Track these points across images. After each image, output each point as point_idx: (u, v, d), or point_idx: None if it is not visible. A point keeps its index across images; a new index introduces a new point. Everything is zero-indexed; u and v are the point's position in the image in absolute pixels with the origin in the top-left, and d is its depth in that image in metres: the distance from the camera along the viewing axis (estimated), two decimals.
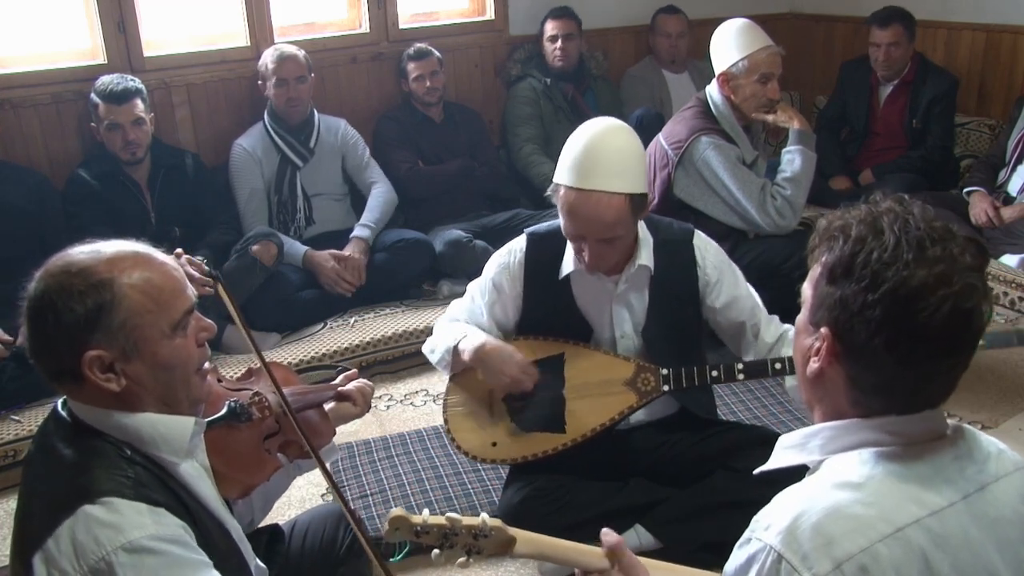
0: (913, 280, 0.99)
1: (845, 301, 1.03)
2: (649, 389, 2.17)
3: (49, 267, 1.29)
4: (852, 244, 1.04)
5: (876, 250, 1.02)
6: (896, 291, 1.00)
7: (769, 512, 1.05)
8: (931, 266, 1.00)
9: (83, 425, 1.30)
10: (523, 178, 4.22)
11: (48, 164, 3.46)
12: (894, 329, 1.01)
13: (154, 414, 1.31)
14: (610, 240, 2.06)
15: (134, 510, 1.20)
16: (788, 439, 1.16)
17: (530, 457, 2.18)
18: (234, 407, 1.58)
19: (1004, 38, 4.26)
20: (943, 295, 0.99)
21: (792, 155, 3.05)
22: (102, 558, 1.16)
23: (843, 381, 1.08)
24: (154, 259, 1.33)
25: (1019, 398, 2.95)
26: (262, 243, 3.34)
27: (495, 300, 2.30)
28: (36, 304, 1.27)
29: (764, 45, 3.00)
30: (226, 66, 3.79)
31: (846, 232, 1.06)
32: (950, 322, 0.99)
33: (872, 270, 1.01)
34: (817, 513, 1.00)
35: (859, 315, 1.02)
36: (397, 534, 1.44)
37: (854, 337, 1.03)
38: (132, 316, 1.26)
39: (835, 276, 1.05)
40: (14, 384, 2.90)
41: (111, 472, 1.24)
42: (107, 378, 1.26)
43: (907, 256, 1.00)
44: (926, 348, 1.01)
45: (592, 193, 2.00)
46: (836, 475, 1.05)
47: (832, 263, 1.06)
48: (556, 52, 4.23)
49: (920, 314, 0.99)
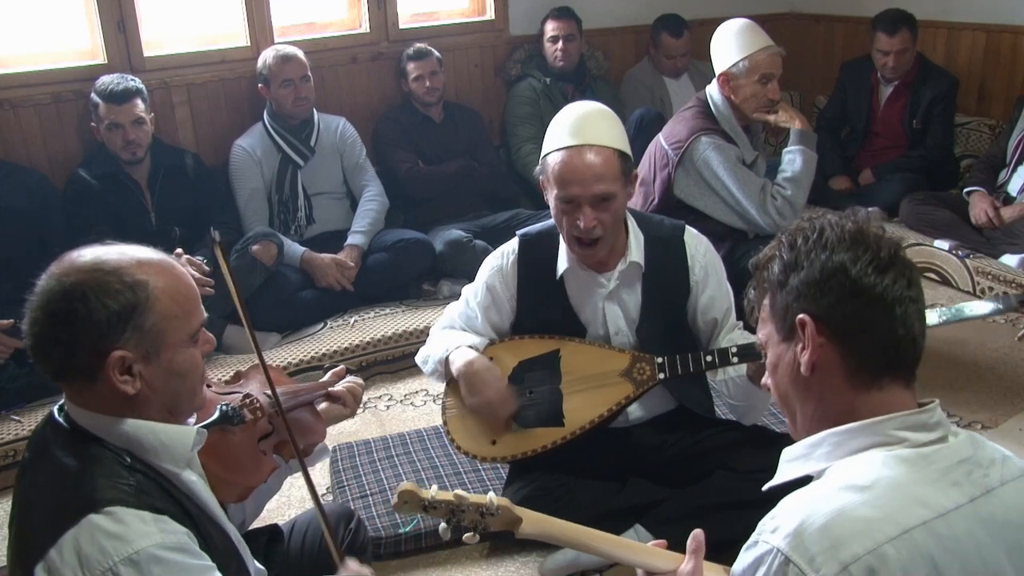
0: (846, 236, 1.13)
1: (805, 283, 1.12)
2: (645, 378, 2.17)
3: (74, 263, 1.28)
4: (780, 253, 1.17)
5: (805, 240, 1.15)
6: (842, 239, 1.12)
7: (776, 515, 1.05)
8: (849, 223, 1.15)
9: (82, 431, 1.29)
10: (523, 178, 4.21)
11: (48, 164, 3.46)
12: (855, 272, 1.10)
13: (156, 423, 1.31)
14: (603, 201, 2.08)
15: (139, 519, 1.20)
16: (792, 451, 1.17)
17: (530, 453, 2.19)
18: (225, 410, 1.57)
19: (1004, 38, 4.26)
20: (875, 234, 1.14)
21: (793, 155, 3.05)
22: (108, 569, 1.15)
23: (838, 359, 1.10)
24: (178, 268, 1.35)
25: (1019, 398, 2.95)
26: (262, 243, 3.35)
27: (490, 303, 2.31)
28: (63, 297, 1.24)
29: (765, 46, 2.99)
30: (226, 66, 3.79)
31: (767, 259, 1.20)
32: (894, 244, 1.14)
33: (811, 246, 1.13)
34: (824, 515, 1.00)
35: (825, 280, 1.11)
36: (406, 507, 1.46)
37: (830, 301, 1.10)
38: (161, 320, 1.28)
39: (784, 280, 1.15)
40: (14, 384, 2.91)
41: (113, 480, 1.23)
42: (124, 380, 1.26)
43: (833, 229, 1.14)
44: (889, 274, 1.10)
45: (583, 146, 2.08)
46: (842, 478, 1.05)
47: (775, 280, 1.17)
48: (557, 53, 4.23)
49: (869, 249, 1.11)
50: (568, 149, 2.08)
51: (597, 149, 2.07)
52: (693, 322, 2.32)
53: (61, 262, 1.29)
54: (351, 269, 3.58)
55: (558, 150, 2.10)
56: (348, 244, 3.64)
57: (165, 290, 1.29)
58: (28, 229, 3.15)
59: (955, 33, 4.45)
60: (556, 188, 2.11)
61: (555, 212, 2.16)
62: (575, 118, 2.13)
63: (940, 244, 3.79)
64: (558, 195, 2.11)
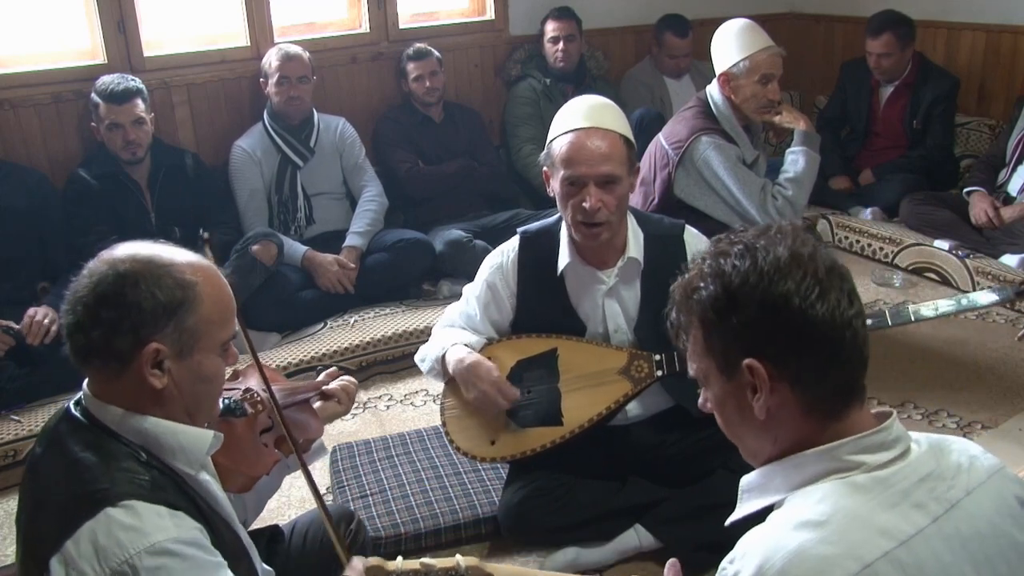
0: (779, 257, 1.06)
1: (747, 325, 1.06)
2: (643, 376, 2.18)
3: (129, 251, 1.32)
4: (708, 284, 1.10)
5: (735, 270, 1.07)
6: (777, 266, 1.06)
7: (735, 556, 1.03)
8: (779, 247, 1.07)
9: (99, 426, 1.30)
10: (523, 178, 4.22)
11: (48, 164, 3.46)
12: (798, 303, 1.04)
13: (177, 424, 1.34)
14: (609, 183, 2.11)
15: (155, 513, 1.22)
16: (749, 481, 1.15)
17: (529, 452, 2.19)
18: (228, 403, 1.62)
19: (1004, 38, 4.26)
20: (808, 250, 1.07)
21: (796, 155, 3.04)
22: (125, 561, 1.16)
23: (793, 398, 1.07)
24: (221, 279, 1.40)
25: (1019, 398, 2.95)
26: (262, 243, 3.35)
27: (490, 301, 2.32)
28: (117, 280, 1.28)
29: (765, 46, 2.99)
30: (226, 66, 3.79)
31: (692, 287, 1.12)
32: (827, 257, 1.08)
33: (744, 277, 1.06)
34: (782, 559, 0.97)
35: (769, 318, 1.05)
36: None
37: (778, 343, 1.05)
38: (201, 322, 1.32)
39: (718, 319, 1.09)
40: (14, 384, 2.90)
41: (129, 475, 1.25)
42: (154, 373, 1.29)
43: (764, 253, 1.07)
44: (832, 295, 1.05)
45: (592, 128, 2.13)
46: (798, 514, 1.03)
47: (708, 318, 1.10)
48: (558, 53, 4.23)
49: (806, 271, 1.05)
50: (576, 131, 2.13)
51: (604, 132, 2.12)
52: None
53: (114, 251, 1.33)
54: (351, 270, 3.58)
55: (565, 133, 2.14)
56: (346, 246, 3.64)
57: (210, 295, 1.34)
58: (28, 229, 3.14)
59: (955, 33, 4.45)
60: (563, 169, 2.12)
61: (560, 196, 2.16)
62: (584, 106, 2.18)
63: (940, 244, 3.79)
64: (564, 176, 2.12)
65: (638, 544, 2.24)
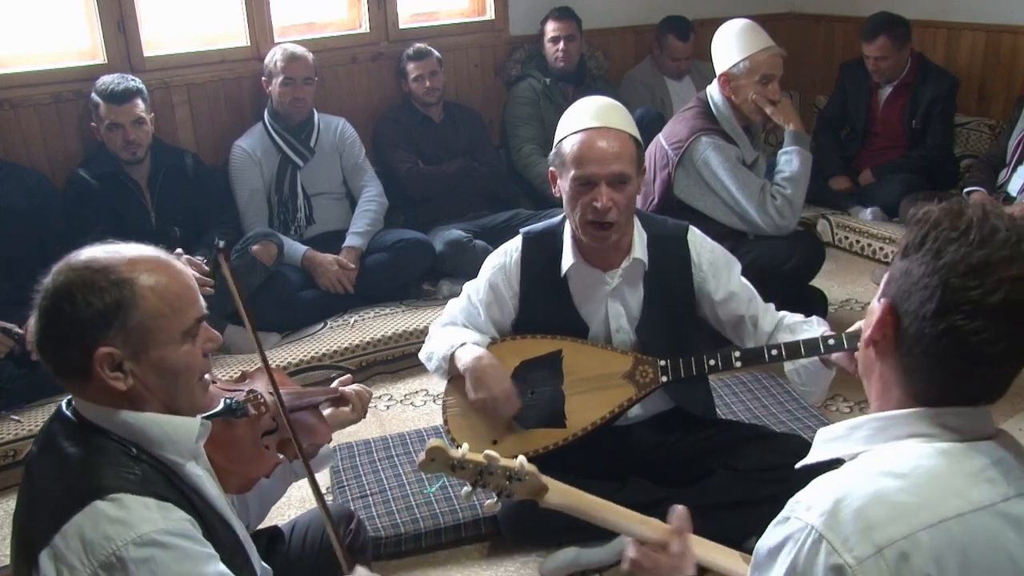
0: (973, 258, 0.99)
1: (909, 272, 1.04)
2: (647, 381, 2.18)
3: (70, 262, 1.31)
4: (930, 225, 1.04)
5: (947, 228, 1.01)
6: (955, 265, 0.99)
7: (809, 493, 1.04)
8: (996, 249, 0.99)
9: (89, 424, 1.31)
10: (523, 178, 4.22)
11: (48, 164, 3.46)
12: (945, 304, 0.99)
13: (161, 415, 1.33)
14: (620, 183, 2.10)
15: (142, 505, 1.22)
16: (829, 431, 1.14)
17: (531, 453, 2.18)
18: (230, 403, 1.60)
19: (1004, 38, 4.26)
20: (999, 278, 0.98)
21: (790, 155, 3.05)
22: (112, 553, 1.17)
23: (893, 359, 1.07)
24: (173, 266, 1.36)
25: (1019, 398, 2.95)
26: (262, 243, 3.35)
27: (492, 301, 2.31)
28: (55, 295, 1.28)
29: (765, 46, 3.00)
30: (226, 66, 3.79)
31: (927, 215, 1.06)
32: (1002, 308, 0.98)
33: (938, 244, 1.01)
34: (860, 498, 0.99)
35: (917, 284, 1.02)
36: (432, 465, 1.43)
37: (908, 307, 1.03)
38: (147, 318, 1.29)
39: (907, 252, 1.05)
40: (14, 384, 2.91)
41: (118, 469, 1.25)
42: (115, 376, 1.28)
43: (975, 236, 1.00)
44: (974, 329, 0.99)
45: (603, 128, 2.12)
46: (881, 463, 1.04)
47: (907, 242, 1.06)
48: (558, 53, 4.22)
49: (972, 291, 0.98)
50: (587, 131, 2.12)
51: (615, 132, 2.12)
52: (716, 322, 2.31)
53: (60, 262, 1.32)
54: (351, 270, 3.58)
55: (575, 132, 2.13)
56: (346, 246, 3.64)
57: (154, 288, 1.30)
58: (28, 229, 3.15)
59: (955, 33, 4.45)
60: (573, 168, 2.12)
61: (569, 196, 2.15)
62: (593, 106, 2.18)
63: None
64: (575, 175, 2.12)
65: None
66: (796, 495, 1.05)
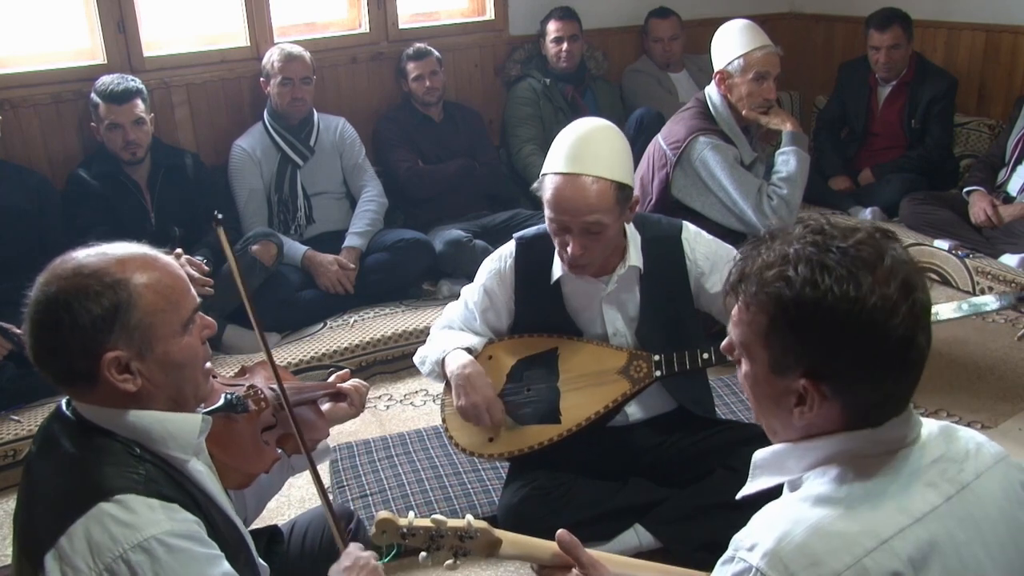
0: (870, 303, 1.01)
1: (817, 342, 1.02)
2: (642, 376, 2.18)
3: (56, 270, 1.29)
4: (801, 286, 1.02)
5: (831, 289, 1.00)
6: (863, 320, 1.00)
7: (751, 531, 1.04)
8: (881, 288, 1.01)
9: (90, 425, 1.30)
10: (523, 178, 4.21)
11: (48, 164, 3.46)
12: (873, 350, 1.01)
13: (162, 412, 1.33)
14: (594, 231, 2.05)
15: (147, 506, 1.21)
16: (762, 457, 1.15)
17: (526, 449, 2.19)
18: (230, 398, 1.61)
19: (1004, 38, 4.26)
20: (903, 312, 1.01)
21: (787, 156, 3.05)
22: (119, 556, 1.17)
23: (838, 411, 1.06)
24: (159, 259, 1.35)
25: (1019, 398, 2.95)
26: (262, 243, 3.35)
27: (488, 306, 2.32)
28: (48, 307, 1.26)
29: (761, 44, 3.00)
30: (226, 66, 3.79)
31: (784, 274, 1.03)
32: (910, 323, 1.02)
33: (838, 309, 1.00)
34: (801, 533, 0.99)
35: (837, 355, 1.02)
36: (384, 537, 1.45)
37: (836, 371, 1.03)
38: (147, 315, 1.29)
39: (793, 322, 1.03)
40: (14, 384, 2.90)
41: (122, 469, 1.25)
42: (124, 378, 1.28)
43: (861, 286, 1.01)
44: (901, 352, 1.02)
45: (579, 176, 2.03)
46: (816, 491, 1.04)
47: (791, 305, 1.02)
48: (561, 54, 4.23)
49: (889, 329, 1.00)
50: (563, 176, 2.04)
51: (592, 179, 2.02)
52: (718, 314, 2.31)
53: (46, 271, 1.30)
54: (351, 270, 3.58)
55: (554, 174, 2.07)
56: (346, 246, 3.64)
57: (148, 285, 1.30)
58: (28, 229, 3.15)
59: (955, 33, 4.45)
60: (548, 210, 2.10)
61: (549, 228, 2.15)
62: (575, 140, 2.07)
63: (940, 244, 3.79)
64: (550, 217, 2.11)
65: (638, 544, 2.24)
66: (739, 532, 1.05)
